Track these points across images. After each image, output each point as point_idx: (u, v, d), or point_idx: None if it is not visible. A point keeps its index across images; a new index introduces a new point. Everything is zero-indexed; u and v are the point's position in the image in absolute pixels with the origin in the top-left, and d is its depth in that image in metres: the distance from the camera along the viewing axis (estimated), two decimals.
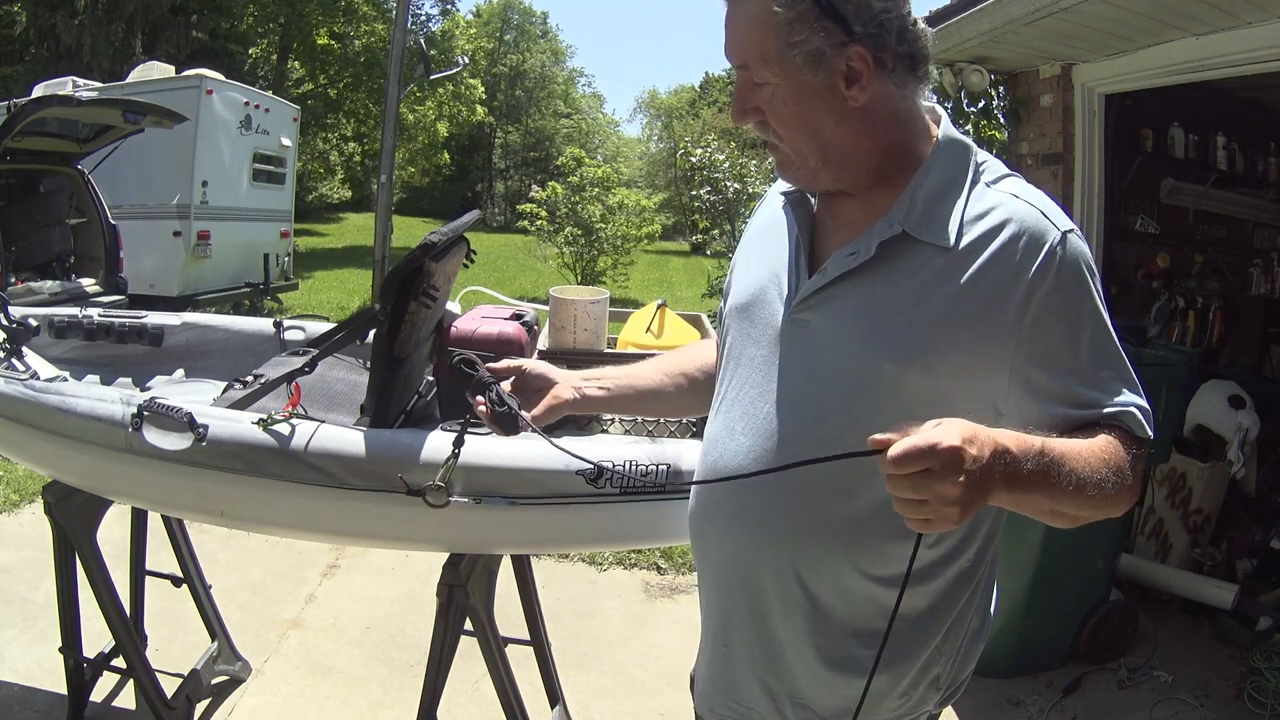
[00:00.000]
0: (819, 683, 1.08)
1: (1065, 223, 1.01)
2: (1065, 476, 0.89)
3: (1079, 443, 0.94)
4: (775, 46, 0.96)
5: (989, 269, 0.97)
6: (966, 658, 1.14)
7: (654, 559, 3.70)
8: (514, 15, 37.66)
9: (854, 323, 1.01)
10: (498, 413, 1.19)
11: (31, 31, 17.34)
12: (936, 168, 1.02)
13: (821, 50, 0.95)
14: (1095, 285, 1.01)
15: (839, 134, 1.00)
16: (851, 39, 0.94)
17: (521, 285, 12.97)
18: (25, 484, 4.11)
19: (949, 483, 0.79)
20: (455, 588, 1.70)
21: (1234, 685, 2.83)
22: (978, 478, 0.80)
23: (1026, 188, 1.04)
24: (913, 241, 0.99)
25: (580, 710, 2.50)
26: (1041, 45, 3.77)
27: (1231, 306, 4.40)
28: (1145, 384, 1.04)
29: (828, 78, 0.96)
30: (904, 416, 0.85)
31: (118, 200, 6.93)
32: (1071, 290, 0.99)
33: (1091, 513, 0.95)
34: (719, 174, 11.35)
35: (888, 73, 0.97)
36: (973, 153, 1.05)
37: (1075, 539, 2.84)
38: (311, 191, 25.04)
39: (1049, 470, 0.88)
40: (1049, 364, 0.98)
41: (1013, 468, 0.84)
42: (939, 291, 0.97)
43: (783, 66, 0.96)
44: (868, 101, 0.98)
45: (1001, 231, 0.98)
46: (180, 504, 1.90)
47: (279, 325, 2.49)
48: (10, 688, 2.61)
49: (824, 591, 1.05)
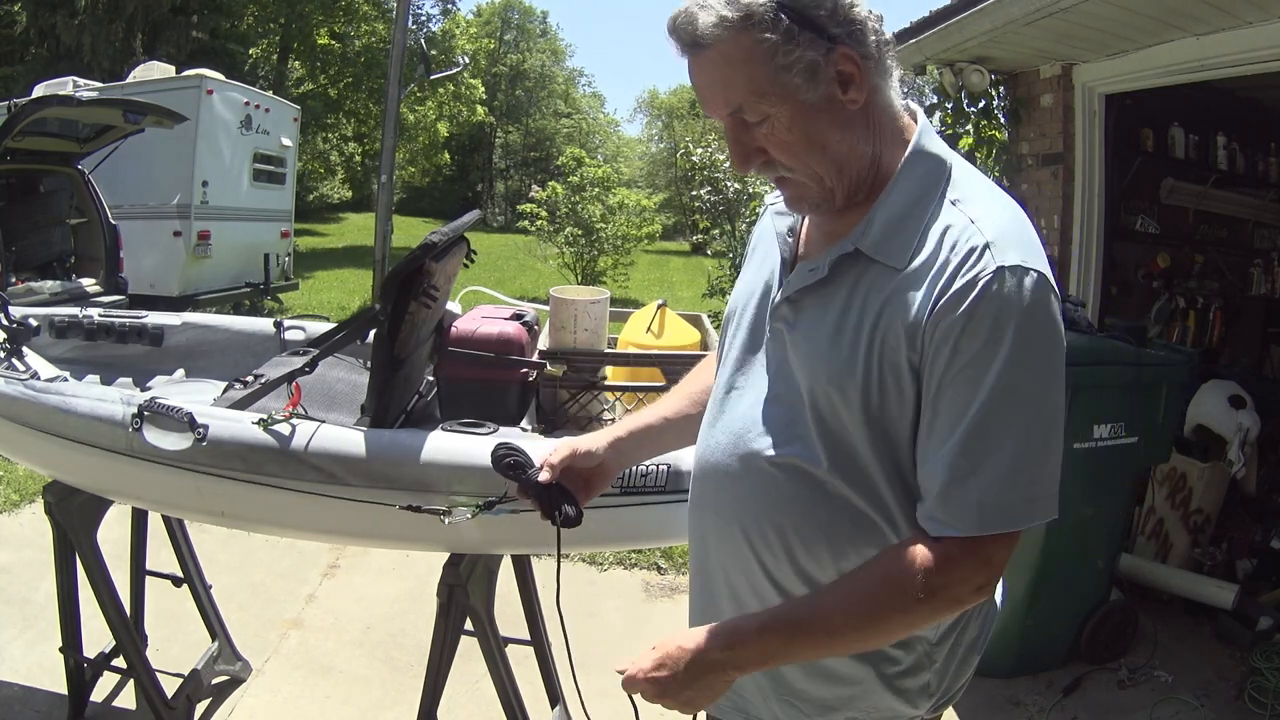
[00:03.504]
0: (803, 674, 1.08)
1: (1014, 258, 0.91)
2: (804, 644, 0.96)
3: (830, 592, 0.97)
4: (767, 75, 0.93)
5: (924, 294, 0.93)
6: (963, 665, 1.12)
7: (654, 559, 3.70)
8: (514, 15, 37.66)
9: (805, 339, 1.02)
10: (564, 515, 1.20)
11: (32, 31, 17.34)
12: (903, 184, 0.99)
13: (815, 61, 0.93)
14: (1025, 340, 0.90)
15: (847, 143, 0.98)
16: (833, 43, 0.93)
17: (521, 285, 12.96)
18: (25, 484, 4.11)
19: (658, 699, 0.99)
20: (455, 588, 1.70)
21: (1234, 685, 2.83)
22: (679, 687, 0.97)
23: (991, 211, 0.97)
24: (868, 261, 0.98)
25: (580, 710, 2.49)
26: (1042, 45, 3.77)
27: (1232, 306, 4.40)
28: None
29: (825, 89, 0.95)
30: (848, 429, 0.97)
31: (118, 200, 6.93)
32: (980, 335, 0.90)
33: (859, 649, 1.00)
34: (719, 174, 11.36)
35: (877, 65, 0.98)
36: (946, 167, 1.00)
37: (1075, 539, 2.84)
38: (312, 191, 25.02)
39: (776, 645, 0.97)
40: (929, 419, 0.94)
41: (731, 663, 0.97)
42: (882, 314, 0.95)
43: (780, 92, 0.94)
44: (865, 101, 0.98)
45: (940, 255, 0.93)
46: (180, 504, 1.90)
47: (279, 325, 2.49)
48: (10, 688, 2.61)
49: (794, 587, 1.05)
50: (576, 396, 2.08)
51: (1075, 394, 2.64)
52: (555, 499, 1.20)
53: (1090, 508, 2.82)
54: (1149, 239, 4.34)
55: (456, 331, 1.90)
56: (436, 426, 1.70)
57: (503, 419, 1.82)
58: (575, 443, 1.24)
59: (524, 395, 1.96)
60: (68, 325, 2.51)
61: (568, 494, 1.22)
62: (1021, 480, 0.92)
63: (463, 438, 1.64)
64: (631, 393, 2.23)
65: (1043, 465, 0.94)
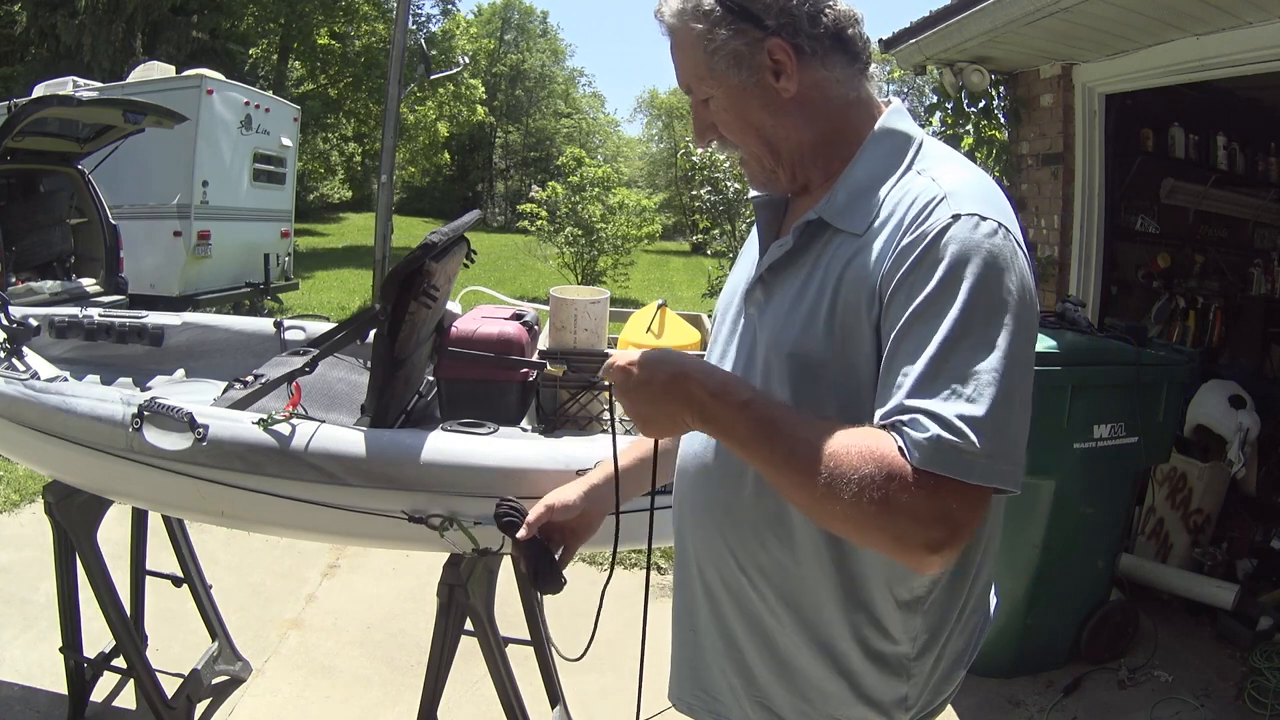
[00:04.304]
0: (774, 678, 1.06)
1: (971, 207, 0.89)
2: (764, 441, 0.88)
3: (813, 424, 0.87)
4: (704, 59, 1.01)
5: (881, 249, 0.92)
6: (947, 680, 1.08)
7: (654, 559, 3.70)
8: (514, 14, 37.67)
9: (772, 315, 1.03)
10: (543, 574, 1.25)
11: (32, 31, 17.35)
12: (866, 158, 1.01)
13: (739, 50, 0.99)
14: (985, 286, 0.86)
15: (780, 128, 1.03)
16: (766, 33, 0.98)
17: (521, 285, 12.97)
18: (25, 484, 4.11)
19: (619, 393, 0.99)
20: (455, 588, 1.70)
21: (1234, 685, 2.83)
22: (644, 396, 0.96)
23: (954, 171, 0.96)
24: (832, 230, 0.99)
25: (581, 710, 2.49)
26: (1042, 45, 3.77)
27: (1232, 306, 4.40)
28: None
29: (755, 75, 1.00)
30: (817, 402, 0.95)
31: (118, 200, 6.94)
32: (933, 280, 0.86)
33: (796, 497, 0.89)
34: (719, 174, 11.33)
35: (812, 58, 1.00)
36: (913, 143, 1.01)
37: (1075, 539, 2.84)
38: (312, 191, 25.04)
39: (743, 424, 0.89)
40: (884, 372, 0.89)
41: (700, 405, 0.92)
42: (843, 278, 0.95)
43: (713, 75, 1.02)
44: (800, 91, 1.00)
45: (898, 213, 0.93)
46: (180, 504, 1.90)
47: (279, 325, 2.49)
48: (10, 688, 2.61)
49: (763, 577, 1.04)
50: (576, 396, 2.08)
51: (1075, 394, 2.64)
52: (536, 559, 1.25)
53: (1090, 508, 2.82)
54: (1149, 239, 4.34)
55: (456, 331, 1.90)
56: (436, 426, 1.70)
57: (503, 419, 1.82)
58: (551, 499, 1.27)
59: (524, 395, 1.96)
60: (68, 325, 2.51)
61: (548, 557, 1.26)
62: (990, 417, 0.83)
63: (463, 438, 1.64)
64: None
65: (1003, 421, 0.83)
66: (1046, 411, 2.61)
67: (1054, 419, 2.64)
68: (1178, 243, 4.44)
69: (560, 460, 1.58)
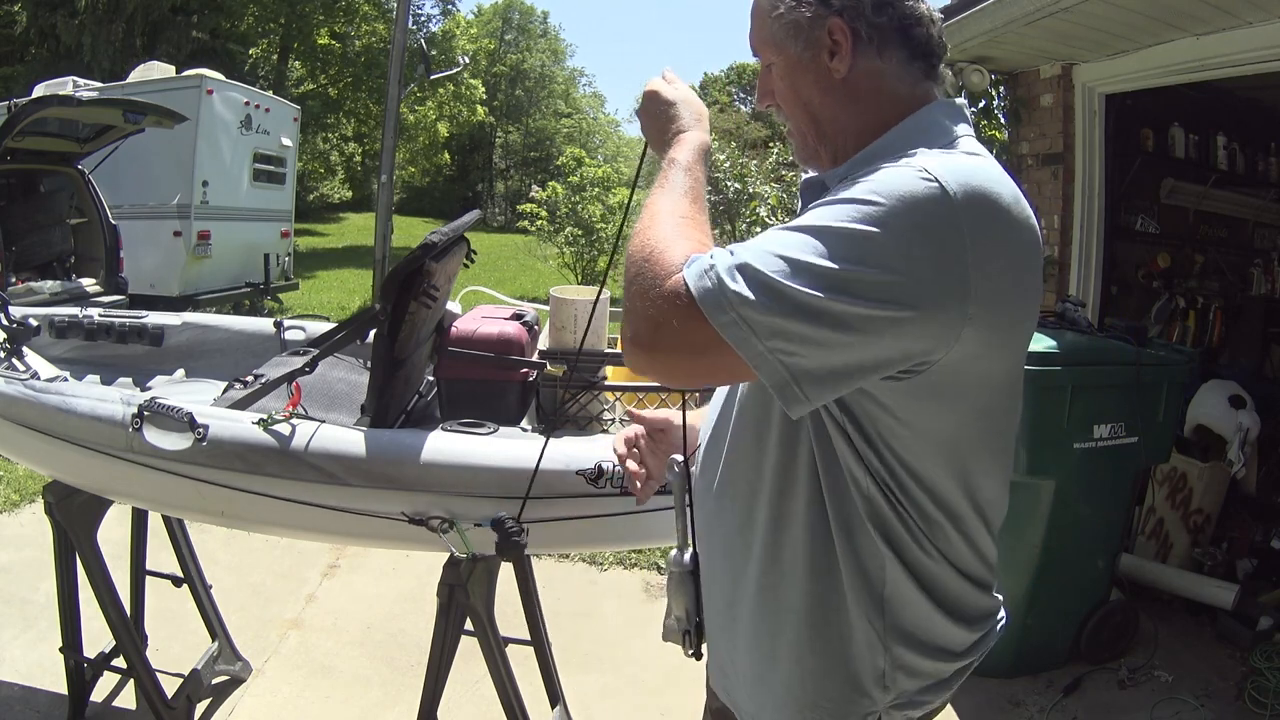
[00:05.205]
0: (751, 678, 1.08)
1: (933, 167, 0.85)
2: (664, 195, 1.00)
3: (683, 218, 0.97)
4: (769, 25, 1.04)
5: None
6: (912, 706, 1.07)
7: (654, 559, 3.70)
8: (514, 14, 37.66)
9: None
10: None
11: (32, 31, 17.35)
12: (890, 135, 0.99)
13: (798, 22, 1.01)
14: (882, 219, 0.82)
15: (827, 108, 1.03)
16: (830, 10, 1.00)
17: (521, 285, 12.97)
18: (25, 484, 4.11)
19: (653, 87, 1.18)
20: (455, 588, 1.71)
21: (1234, 685, 2.83)
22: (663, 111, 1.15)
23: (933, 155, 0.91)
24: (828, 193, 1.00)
25: (581, 710, 2.49)
26: (1042, 45, 3.78)
27: (1232, 306, 4.40)
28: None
29: (811, 50, 1.01)
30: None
31: (118, 200, 6.93)
32: (840, 190, 0.88)
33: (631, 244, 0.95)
34: (719, 174, 11.34)
35: (869, 45, 1.00)
36: (929, 139, 0.96)
37: (1075, 539, 2.84)
38: (312, 191, 25.03)
39: (673, 173, 1.03)
40: None
41: (678, 142, 1.09)
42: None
43: (774, 43, 1.04)
44: (850, 75, 1.00)
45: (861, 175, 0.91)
46: (180, 504, 1.90)
47: (279, 325, 2.49)
48: (10, 688, 2.61)
49: (750, 555, 1.06)
50: (577, 396, 2.08)
51: (1075, 394, 2.65)
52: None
53: (1090, 508, 2.82)
54: (1149, 239, 4.34)
55: (456, 331, 1.90)
56: (436, 426, 1.70)
57: (503, 419, 1.82)
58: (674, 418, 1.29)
59: (524, 395, 1.96)
60: (68, 325, 2.51)
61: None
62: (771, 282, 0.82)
63: (463, 438, 1.65)
64: (631, 393, 2.22)
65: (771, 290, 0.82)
66: (1046, 411, 2.62)
67: (1054, 419, 2.64)
68: (1178, 243, 4.44)
69: (560, 460, 1.58)
